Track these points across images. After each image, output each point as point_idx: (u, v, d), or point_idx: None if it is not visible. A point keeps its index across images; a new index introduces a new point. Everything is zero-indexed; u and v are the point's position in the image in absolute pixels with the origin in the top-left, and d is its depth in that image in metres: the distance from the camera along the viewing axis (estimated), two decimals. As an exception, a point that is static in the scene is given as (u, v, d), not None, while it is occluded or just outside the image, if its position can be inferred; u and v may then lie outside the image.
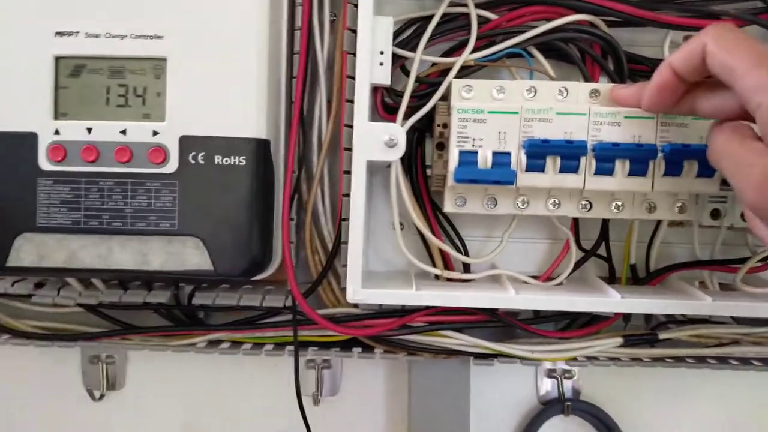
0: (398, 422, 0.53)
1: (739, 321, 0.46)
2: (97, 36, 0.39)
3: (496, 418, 0.53)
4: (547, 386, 0.53)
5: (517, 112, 0.38)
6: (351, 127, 0.40)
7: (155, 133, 0.40)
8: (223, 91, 0.40)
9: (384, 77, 0.41)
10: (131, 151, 0.40)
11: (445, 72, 0.43)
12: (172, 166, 0.40)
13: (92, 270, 0.42)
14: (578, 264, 0.46)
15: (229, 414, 0.54)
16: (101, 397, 0.55)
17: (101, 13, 0.39)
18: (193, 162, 0.40)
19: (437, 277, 0.46)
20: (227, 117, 0.40)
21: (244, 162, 0.40)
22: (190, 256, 0.41)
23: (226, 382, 0.54)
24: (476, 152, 0.39)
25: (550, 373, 0.52)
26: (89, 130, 0.40)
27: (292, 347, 0.46)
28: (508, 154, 0.39)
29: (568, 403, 0.51)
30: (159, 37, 0.39)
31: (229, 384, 0.54)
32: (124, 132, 0.40)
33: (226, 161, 0.40)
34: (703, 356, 0.45)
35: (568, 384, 0.52)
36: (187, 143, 0.40)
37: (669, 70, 0.33)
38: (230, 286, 0.49)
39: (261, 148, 0.41)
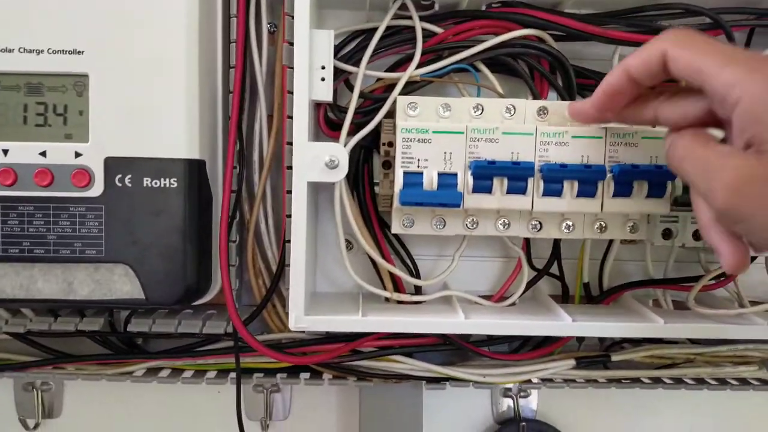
0: (351, 446, 0.51)
1: (692, 340, 0.45)
2: (10, 51, 0.36)
3: (450, 440, 0.52)
4: (503, 406, 0.52)
5: (462, 132, 0.37)
6: (293, 145, 0.37)
7: (78, 154, 0.37)
8: (151, 108, 0.37)
9: (325, 93, 0.39)
10: (52, 173, 0.37)
11: (390, 87, 0.41)
12: (97, 189, 0.38)
13: (13, 300, 0.39)
14: (530, 283, 0.45)
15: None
16: (36, 426, 0.52)
17: (14, 27, 0.36)
18: (119, 185, 0.38)
19: (387, 299, 0.44)
20: (156, 137, 0.38)
21: (176, 184, 0.38)
22: (119, 284, 0.39)
23: (169, 408, 0.51)
24: (422, 173, 0.37)
25: (506, 392, 0.51)
26: (5, 152, 0.37)
27: (235, 374, 0.43)
28: (455, 175, 0.37)
29: (523, 423, 0.50)
30: (79, 53, 0.37)
31: (173, 410, 0.51)
32: (44, 154, 0.37)
33: (156, 184, 0.38)
34: (657, 377, 0.44)
35: (524, 403, 0.51)
36: (113, 165, 0.38)
37: (624, 74, 0.32)
38: (168, 311, 0.46)
39: (194, 169, 0.39)
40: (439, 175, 0.37)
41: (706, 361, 0.44)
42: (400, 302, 0.43)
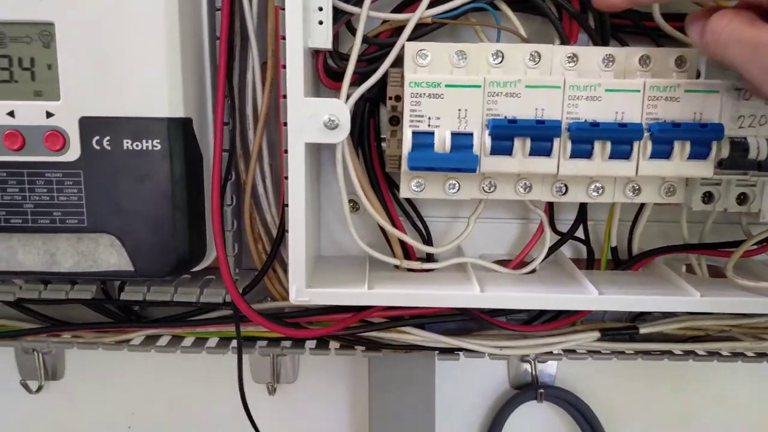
0: (360, 410, 0.49)
1: (729, 309, 0.41)
2: (-36, -4, 0.32)
3: (465, 405, 0.49)
4: (520, 370, 0.49)
5: (479, 86, 0.32)
6: (288, 99, 0.33)
7: (50, 114, 0.34)
8: (127, 61, 0.33)
9: (323, 39, 0.34)
10: (23, 136, 0.34)
11: (398, 31, 0.36)
12: (74, 153, 0.34)
13: (-5, 272, 0.36)
14: (553, 248, 0.41)
15: (177, 403, 0.51)
16: (39, 389, 0.50)
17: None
18: (97, 147, 0.34)
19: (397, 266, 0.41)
20: (135, 93, 0.34)
21: (159, 146, 0.34)
22: (105, 255, 0.36)
23: (172, 371, 0.50)
24: (433, 133, 0.33)
25: (524, 358, 0.48)
26: (-31, 112, 0.34)
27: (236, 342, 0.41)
28: (470, 135, 0.33)
29: (542, 390, 0.47)
30: (41, -3, 0.32)
31: (176, 373, 0.50)
32: (11, 114, 0.34)
33: (137, 146, 0.34)
34: (689, 350, 0.41)
35: (542, 368, 0.49)
36: (88, 126, 0.34)
37: None
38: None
39: (179, 128, 0.35)
40: (453, 135, 0.33)
41: (743, 333, 0.40)
42: (410, 270, 0.40)
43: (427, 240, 0.42)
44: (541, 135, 0.32)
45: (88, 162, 0.34)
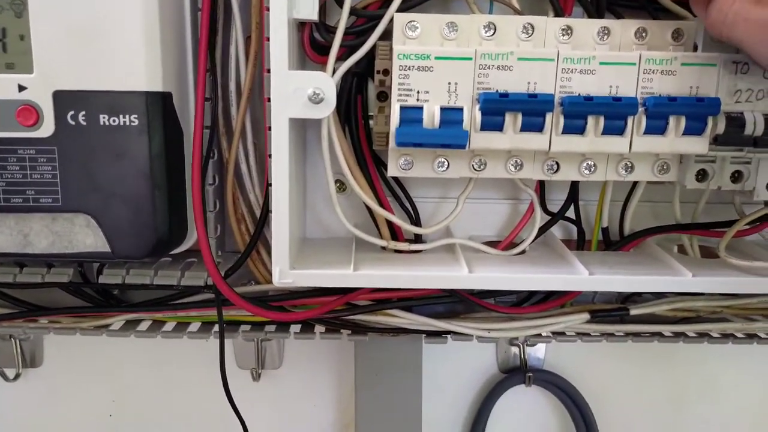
0: (346, 396, 0.49)
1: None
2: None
3: (453, 389, 0.49)
4: (508, 354, 0.49)
5: (470, 58, 0.31)
6: (272, 73, 0.32)
7: (22, 87, 0.32)
8: (103, 32, 0.32)
9: (309, 10, 0.33)
10: (-7, 110, 0.32)
11: (387, 3, 0.35)
12: (47, 128, 0.33)
13: (-35, 253, 0.35)
14: (543, 228, 0.40)
15: (159, 390, 0.49)
16: (16, 376, 0.49)
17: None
18: (72, 123, 0.33)
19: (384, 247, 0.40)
20: (111, 66, 0.32)
21: (137, 121, 0.33)
22: (81, 236, 0.34)
23: (153, 357, 0.49)
24: (422, 108, 0.32)
25: (512, 341, 0.48)
26: (-65, 84, 0.32)
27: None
28: (460, 110, 0.32)
29: (530, 373, 0.47)
30: (9, -38, 0.30)
31: (157, 360, 0.49)
32: (-20, 87, 0.32)
33: (114, 121, 0.33)
34: (680, 332, 0.41)
35: (531, 351, 0.48)
36: (63, 100, 0.32)
37: None
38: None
39: (157, 103, 0.33)
40: (442, 110, 0.32)
41: (734, 314, 0.40)
42: (397, 251, 0.39)
43: (415, 221, 0.41)
44: (533, 109, 0.31)
45: (63, 138, 0.33)
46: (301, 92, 0.32)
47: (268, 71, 0.35)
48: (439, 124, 0.32)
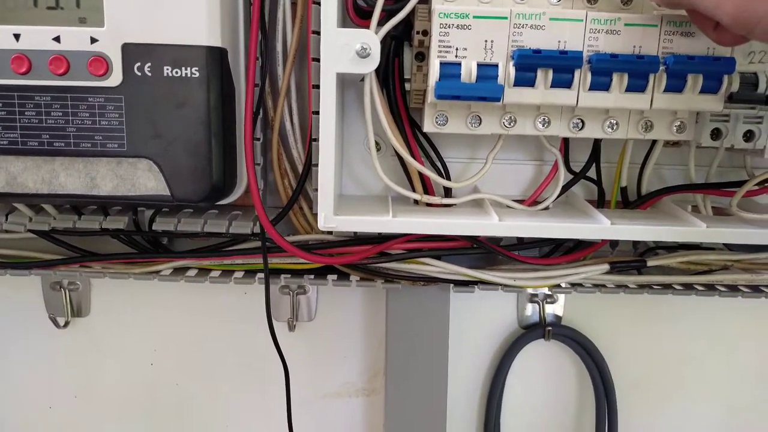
0: (376, 347, 0.52)
1: (730, 247, 0.44)
2: None
3: (475, 343, 0.52)
4: (528, 310, 0.52)
5: (506, 17, 0.34)
6: (319, 34, 0.35)
7: (94, 40, 0.35)
8: (169, -10, 0.35)
9: (355, -24, 0.36)
10: (68, 61, 0.35)
11: (426, -31, 0.37)
12: (115, 78, 0.36)
13: (37, 195, 0.38)
14: (566, 187, 0.43)
15: (197, 339, 0.52)
16: (66, 324, 0.52)
17: None
18: (139, 74, 0.36)
19: (416, 201, 0.42)
20: (176, 21, 0.35)
21: (197, 73, 0.36)
22: (144, 180, 0.38)
23: (196, 307, 0.52)
24: (459, 64, 0.35)
25: (532, 298, 0.51)
26: (17, 36, 0.35)
27: (263, 274, 0.43)
28: (495, 66, 0.34)
29: (549, 328, 0.50)
30: (88, -77, 0.33)
31: (200, 310, 0.52)
32: (57, 39, 0.35)
33: (177, 73, 0.36)
34: (691, 283, 0.43)
35: (549, 309, 0.51)
36: (130, 52, 0.35)
37: None
38: (193, 210, 0.45)
39: (216, 58, 0.36)
40: (479, 66, 0.34)
41: (743, 268, 0.43)
42: (429, 205, 0.42)
43: (446, 179, 0.44)
44: (564, 66, 0.34)
45: (130, 87, 0.36)
46: (348, 48, 0.34)
47: (314, 32, 0.38)
48: (476, 78, 0.34)
